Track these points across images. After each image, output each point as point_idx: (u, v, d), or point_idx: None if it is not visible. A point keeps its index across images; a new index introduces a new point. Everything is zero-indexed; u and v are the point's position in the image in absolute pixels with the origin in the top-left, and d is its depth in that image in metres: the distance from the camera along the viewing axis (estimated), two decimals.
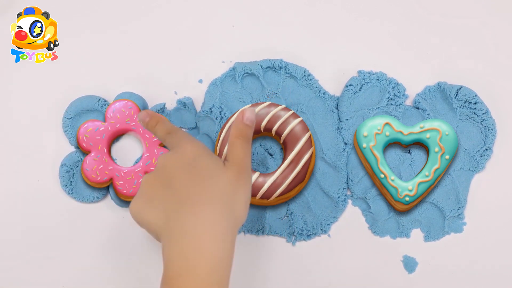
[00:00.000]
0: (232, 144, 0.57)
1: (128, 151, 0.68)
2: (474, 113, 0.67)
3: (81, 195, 0.66)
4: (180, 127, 0.67)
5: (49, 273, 0.65)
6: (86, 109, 0.67)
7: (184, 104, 0.68)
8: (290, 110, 0.66)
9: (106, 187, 0.66)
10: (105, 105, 0.67)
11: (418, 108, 0.68)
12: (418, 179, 0.65)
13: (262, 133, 0.66)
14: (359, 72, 0.68)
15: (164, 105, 0.68)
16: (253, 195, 0.65)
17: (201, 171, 0.55)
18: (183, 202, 0.54)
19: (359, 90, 0.68)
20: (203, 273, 0.52)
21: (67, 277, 0.65)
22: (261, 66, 0.68)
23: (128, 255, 0.66)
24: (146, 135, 0.66)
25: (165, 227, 0.54)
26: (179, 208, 0.54)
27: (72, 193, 0.66)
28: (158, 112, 0.66)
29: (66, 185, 0.66)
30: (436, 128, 0.65)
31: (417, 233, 0.67)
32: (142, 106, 0.67)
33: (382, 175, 0.65)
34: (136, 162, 0.67)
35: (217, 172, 0.55)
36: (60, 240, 0.66)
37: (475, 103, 0.67)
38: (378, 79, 0.68)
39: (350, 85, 0.68)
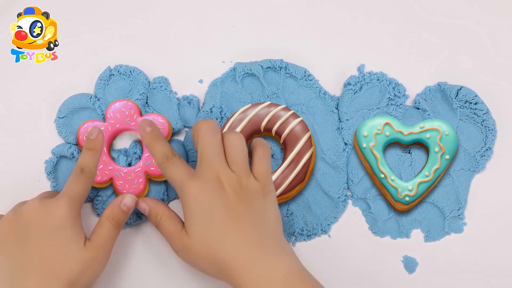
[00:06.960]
0: (101, 223, 0.59)
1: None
2: (475, 113, 0.67)
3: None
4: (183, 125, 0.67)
5: None
6: (78, 107, 0.67)
7: (190, 101, 0.68)
8: (290, 110, 0.66)
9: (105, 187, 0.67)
10: (96, 102, 0.67)
11: (418, 108, 0.68)
12: (418, 179, 0.65)
13: (262, 133, 0.66)
14: (359, 67, 0.68)
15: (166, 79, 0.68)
16: None
17: (58, 243, 0.56)
18: (26, 268, 0.55)
19: (359, 90, 0.68)
20: None
21: None
22: (261, 66, 0.68)
23: (128, 254, 0.66)
24: None
25: None
26: (23, 276, 0.55)
27: (54, 180, 0.66)
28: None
29: (49, 173, 0.66)
30: (436, 128, 0.65)
31: (417, 233, 0.67)
32: (143, 83, 0.67)
33: (382, 175, 0.65)
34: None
35: (72, 251, 0.56)
36: None
37: (475, 103, 0.67)
38: (378, 79, 0.68)
39: (349, 84, 0.68)
